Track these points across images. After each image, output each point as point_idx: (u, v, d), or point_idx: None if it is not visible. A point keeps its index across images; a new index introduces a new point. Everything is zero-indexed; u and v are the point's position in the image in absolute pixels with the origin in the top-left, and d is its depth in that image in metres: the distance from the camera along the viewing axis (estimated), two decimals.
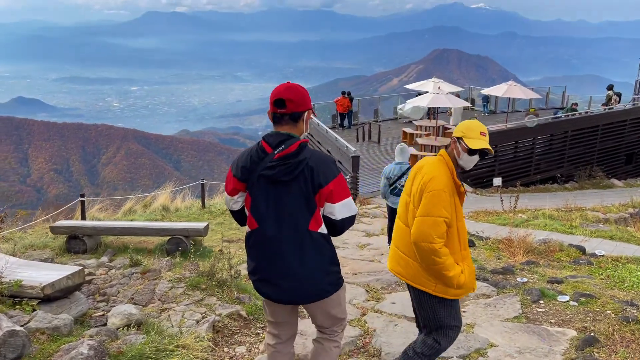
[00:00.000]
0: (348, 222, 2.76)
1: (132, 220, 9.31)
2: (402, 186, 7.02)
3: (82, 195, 8.96)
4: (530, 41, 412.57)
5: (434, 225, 2.84)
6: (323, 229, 2.72)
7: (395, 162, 7.58)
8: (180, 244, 7.63)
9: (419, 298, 3.13)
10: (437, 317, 3.10)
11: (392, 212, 7.80)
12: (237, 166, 2.72)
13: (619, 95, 22.87)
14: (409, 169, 7.34)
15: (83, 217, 8.97)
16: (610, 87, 23.45)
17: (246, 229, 2.82)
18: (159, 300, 4.91)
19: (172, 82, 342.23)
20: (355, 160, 14.07)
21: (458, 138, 3.06)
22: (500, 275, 6.65)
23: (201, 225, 7.76)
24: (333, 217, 2.68)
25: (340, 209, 2.67)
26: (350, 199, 2.74)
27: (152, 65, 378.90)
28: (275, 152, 2.60)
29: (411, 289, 3.17)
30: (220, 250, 5.89)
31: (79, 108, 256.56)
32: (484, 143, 3.01)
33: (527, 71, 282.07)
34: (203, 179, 10.77)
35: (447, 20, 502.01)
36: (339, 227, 2.73)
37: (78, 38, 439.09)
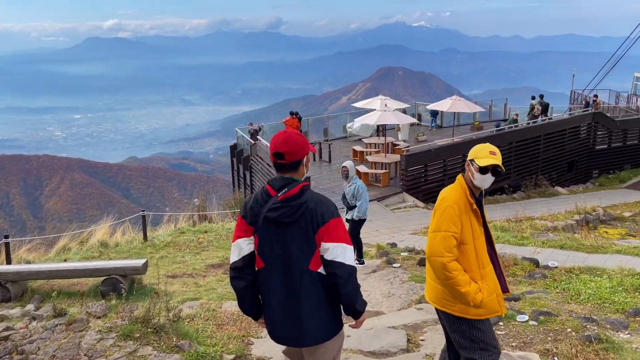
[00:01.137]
0: (340, 268, 2.72)
1: (65, 260, 8.57)
2: (351, 198, 8.27)
3: (6, 237, 8.18)
4: (470, 56, 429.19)
5: (442, 240, 3.02)
6: (323, 270, 2.80)
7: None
8: (117, 285, 7.01)
9: (445, 321, 3.27)
10: (465, 338, 3.14)
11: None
12: (246, 208, 2.87)
13: (543, 105, 23.91)
14: (354, 182, 8.27)
15: (8, 261, 8.16)
16: (534, 97, 24.68)
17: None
18: (85, 355, 4.35)
19: (117, 109, 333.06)
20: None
21: (470, 160, 3.28)
22: None
23: (139, 262, 7.17)
24: (324, 257, 2.74)
25: (332, 250, 2.72)
26: (345, 245, 2.75)
27: (96, 92, 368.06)
28: (279, 194, 2.76)
29: (439, 313, 3.34)
30: (156, 293, 5.36)
31: (18, 139, 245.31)
32: (493, 160, 3.20)
33: (470, 85, 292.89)
34: (143, 210, 10.12)
35: (390, 39, 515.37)
36: (329, 270, 2.74)
37: (15, 67, 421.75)
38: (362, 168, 17.53)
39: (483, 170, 3.18)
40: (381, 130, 20.74)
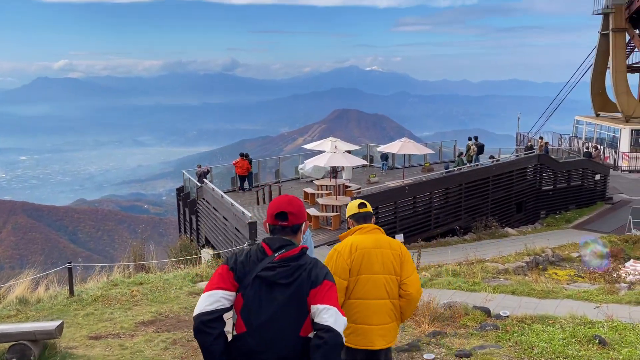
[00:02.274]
0: (330, 334, 2.52)
1: None
2: None
3: None
4: (421, 99, 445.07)
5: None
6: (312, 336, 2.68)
7: None
8: (26, 352, 6.16)
9: (385, 356, 3.78)
10: None
11: None
12: (236, 260, 2.69)
13: (478, 146, 25.21)
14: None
15: None
16: (470, 139, 25.75)
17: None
18: None
19: (66, 150, 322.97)
20: (252, 226, 13.16)
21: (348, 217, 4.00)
22: (406, 353, 5.97)
23: (52, 324, 6.35)
24: (315, 321, 2.59)
25: (324, 312, 2.56)
26: (338, 311, 2.60)
27: (43, 133, 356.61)
28: (276, 254, 2.64)
29: (383, 352, 3.76)
30: None
31: None
32: (358, 210, 3.91)
33: (421, 127, 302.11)
34: (70, 262, 9.23)
35: (344, 82, 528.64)
36: (318, 334, 2.55)
37: None
38: (313, 211, 17.12)
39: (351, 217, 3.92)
40: (332, 172, 20.53)
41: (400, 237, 16.13)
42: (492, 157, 23.80)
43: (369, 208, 3.88)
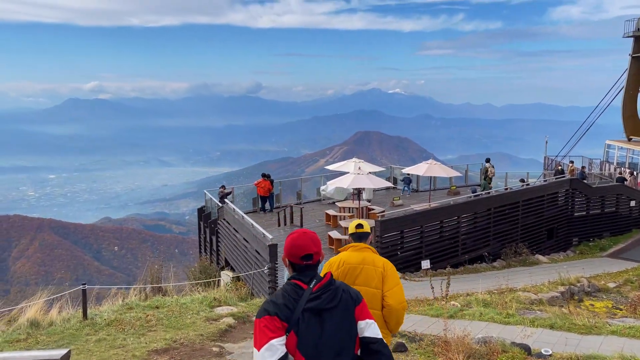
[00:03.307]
0: (385, 347, 2.82)
1: None
2: None
3: None
4: (444, 122, 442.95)
5: (402, 290, 4.16)
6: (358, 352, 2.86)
7: None
8: None
9: None
10: None
11: None
12: (278, 305, 2.72)
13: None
14: None
15: None
16: (488, 160, 24.99)
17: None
18: None
19: (93, 169, 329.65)
20: (273, 249, 12.71)
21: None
22: None
23: (58, 353, 5.95)
24: (366, 336, 2.80)
25: (372, 327, 2.82)
26: (375, 323, 2.87)
27: (72, 152, 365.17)
28: (311, 286, 2.76)
29: None
30: None
31: None
32: (357, 229, 4.39)
33: (444, 150, 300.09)
34: (84, 284, 8.91)
35: (367, 104, 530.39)
36: (375, 348, 2.79)
37: None
38: (335, 234, 16.60)
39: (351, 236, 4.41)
40: (355, 193, 20.02)
41: (426, 264, 15.49)
42: (522, 180, 23.01)
43: (366, 228, 4.40)
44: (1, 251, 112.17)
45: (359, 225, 4.39)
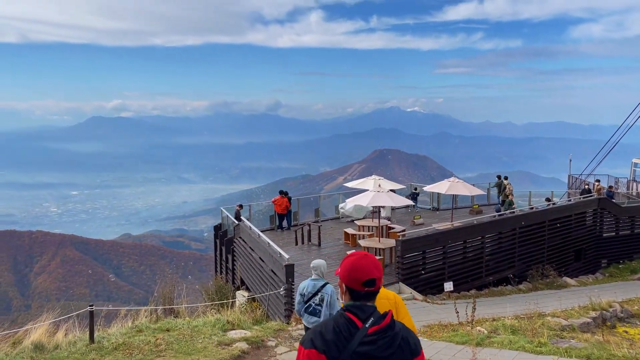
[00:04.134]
0: None
1: None
2: (317, 304, 6.73)
3: None
4: (463, 141, 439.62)
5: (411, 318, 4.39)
6: None
7: (311, 278, 6.94)
8: None
9: None
10: None
11: None
12: (327, 341, 2.48)
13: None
14: (324, 286, 6.81)
15: None
16: (505, 177, 24.69)
17: None
18: None
19: (114, 186, 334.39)
20: (289, 269, 12.24)
21: None
22: None
23: None
24: None
25: None
26: None
27: (95, 169, 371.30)
28: (367, 325, 2.50)
29: None
30: None
31: (12, 214, 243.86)
32: None
33: (463, 168, 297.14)
34: (92, 305, 8.55)
35: (385, 122, 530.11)
36: None
37: (16, 143, 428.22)
38: None
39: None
40: (375, 211, 19.49)
41: (449, 286, 14.84)
42: (548, 199, 22.22)
43: None
44: (23, 266, 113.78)
45: None
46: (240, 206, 20.98)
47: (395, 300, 4.49)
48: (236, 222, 19.35)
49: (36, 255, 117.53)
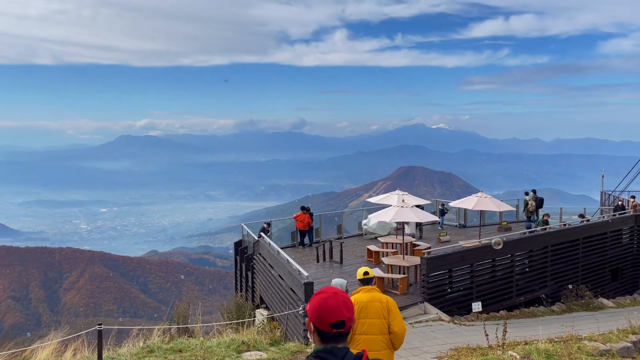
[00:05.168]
0: None
1: None
2: None
3: None
4: (490, 157, 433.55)
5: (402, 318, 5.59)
6: None
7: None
8: None
9: None
10: None
11: None
12: None
13: (537, 200, 23.68)
14: None
15: None
16: (527, 193, 24.34)
17: None
18: None
19: (142, 203, 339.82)
20: (309, 287, 11.75)
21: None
22: None
23: None
24: None
25: None
26: None
27: (123, 186, 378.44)
28: None
29: None
30: None
31: (44, 231, 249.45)
32: (364, 276, 5.80)
33: (490, 186, 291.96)
34: (100, 324, 8.22)
35: (410, 139, 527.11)
36: None
37: (48, 162, 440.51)
38: (377, 271, 15.45)
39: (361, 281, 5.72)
40: (399, 228, 18.88)
41: (477, 306, 14.10)
42: (581, 216, 21.25)
43: (371, 274, 5.80)
44: (53, 282, 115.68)
45: (366, 273, 5.78)
46: (268, 224, 20.61)
47: (388, 302, 5.47)
48: (256, 238, 18.99)
49: (66, 271, 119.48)
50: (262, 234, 18.71)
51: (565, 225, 19.95)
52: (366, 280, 5.68)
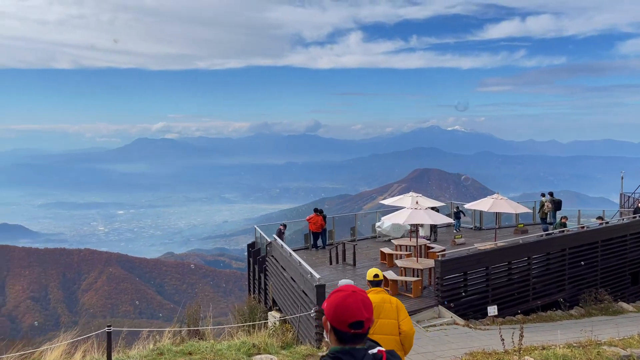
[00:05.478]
0: None
1: None
2: None
3: None
4: (506, 160, 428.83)
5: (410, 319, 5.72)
6: None
7: None
8: None
9: None
10: None
11: None
12: None
13: (555, 202, 23.28)
14: None
15: None
16: (543, 195, 23.93)
17: None
18: None
19: (158, 205, 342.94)
20: (321, 290, 11.62)
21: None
22: None
23: None
24: None
25: None
26: None
27: (140, 189, 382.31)
28: None
29: None
30: None
31: (62, 233, 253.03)
32: (374, 278, 6.04)
33: (506, 188, 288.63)
34: (109, 326, 8.17)
35: (425, 142, 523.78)
36: None
37: (67, 164, 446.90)
38: (390, 274, 15.29)
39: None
40: (413, 230, 18.66)
41: (493, 310, 13.84)
42: (600, 218, 20.81)
43: (380, 277, 6.01)
44: (72, 283, 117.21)
45: (376, 275, 5.96)
46: (284, 225, 20.52)
47: (397, 304, 5.69)
48: (268, 240, 18.91)
49: (84, 272, 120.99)
50: (275, 236, 18.61)
51: (583, 227, 19.54)
52: (376, 282, 5.84)
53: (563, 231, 18.25)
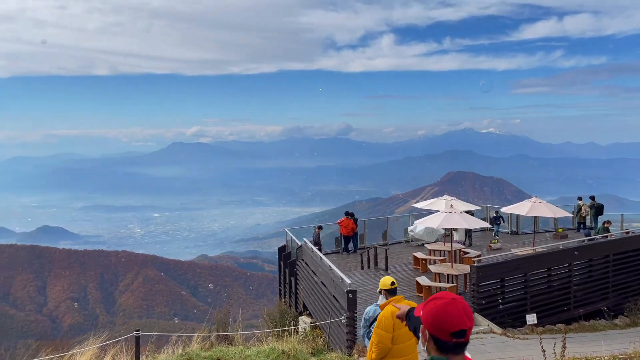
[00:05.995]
0: None
1: None
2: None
3: None
4: (543, 162, 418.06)
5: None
6: None
7: (376, 303, 6.79)
8: None
9: None
10: None
11: None
12: None
13: (597, 206, 22.39)
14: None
15: None
16: (580, 198, 23.29)
17: None
18: None
19: (193, 208, 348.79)
20: (352, 295, 11.32)
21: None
22: None
23: None
24: None
25: None
26: None
27: (175, 192, 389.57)
28: None
29: None
30: None
31: (101, 235, 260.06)
32: (390, 286, 5.87)
33: (543, 191, 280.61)
34: (138, 330, 8.11)
35: (459, 144, 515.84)
36: None
37: (106, 168, 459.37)
38: (424, 280, 14.88)
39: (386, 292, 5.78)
40: (447, 235, 18.15)
41: (532, 318, 13.26)
42: None
43: (396, 285, 5.83)
44: (109, 284, 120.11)
45: (393, 283, 5.76)
46: (320, 227, 20.26)
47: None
48: (304, 242, 18.69)
49: (121, 274, 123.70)
50: (305, 240, 18.39)
51: (628, 232, 18.63)
52: (393, 291, 5.69)
53: (606, 236, 17.42)
